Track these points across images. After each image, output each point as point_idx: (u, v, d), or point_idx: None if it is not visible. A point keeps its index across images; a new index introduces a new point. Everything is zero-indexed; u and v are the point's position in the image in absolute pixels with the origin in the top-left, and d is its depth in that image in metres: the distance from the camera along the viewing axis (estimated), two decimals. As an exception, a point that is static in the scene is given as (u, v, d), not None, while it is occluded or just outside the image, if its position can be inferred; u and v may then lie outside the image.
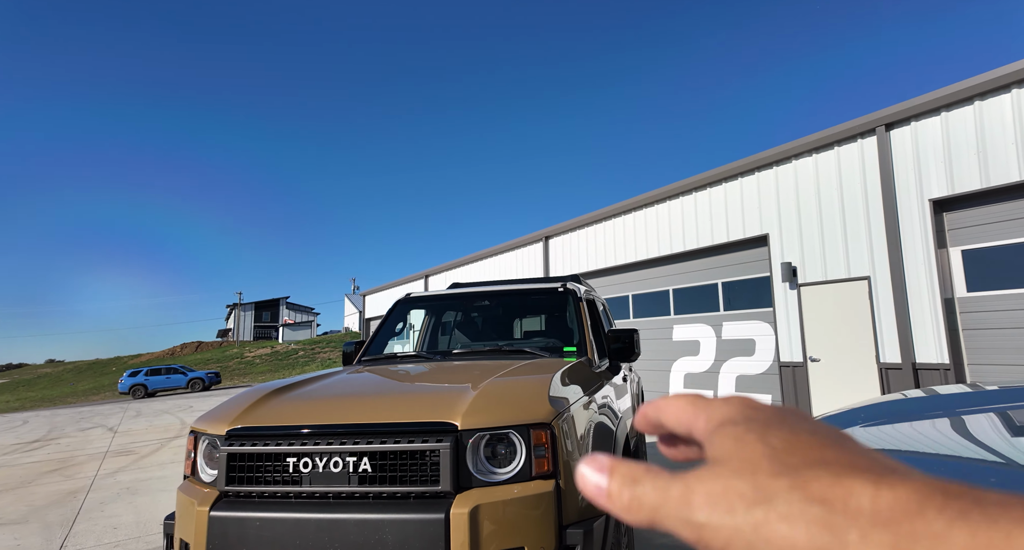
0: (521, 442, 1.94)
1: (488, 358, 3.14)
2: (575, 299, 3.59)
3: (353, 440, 1.95)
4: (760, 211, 8.35)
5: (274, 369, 39.64)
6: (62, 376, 61.94)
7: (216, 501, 1.98)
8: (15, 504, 5.47)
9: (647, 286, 10.61)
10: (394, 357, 3.47)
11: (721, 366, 8.94)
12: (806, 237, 7.66)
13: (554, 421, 1.98)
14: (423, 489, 1.87)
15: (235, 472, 2.00)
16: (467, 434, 1.93)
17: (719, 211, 9.04)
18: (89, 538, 4.23)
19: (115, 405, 19.92)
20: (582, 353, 3.19)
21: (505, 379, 2.33)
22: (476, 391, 2.14)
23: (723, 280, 9.09)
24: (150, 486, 5.96)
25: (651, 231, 10.39)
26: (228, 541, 1.89)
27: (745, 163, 8.56)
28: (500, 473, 1.93)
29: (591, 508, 2.02)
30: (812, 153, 7.64)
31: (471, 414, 1.97)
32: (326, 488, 1.93)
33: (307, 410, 2.15)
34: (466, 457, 1.91)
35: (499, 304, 3.94)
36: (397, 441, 1.92)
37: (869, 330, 6.79)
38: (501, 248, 15.62)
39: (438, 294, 4.08)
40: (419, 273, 21.21)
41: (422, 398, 2.20)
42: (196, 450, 2.20)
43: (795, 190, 7.86)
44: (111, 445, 9.29)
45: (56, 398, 36.32)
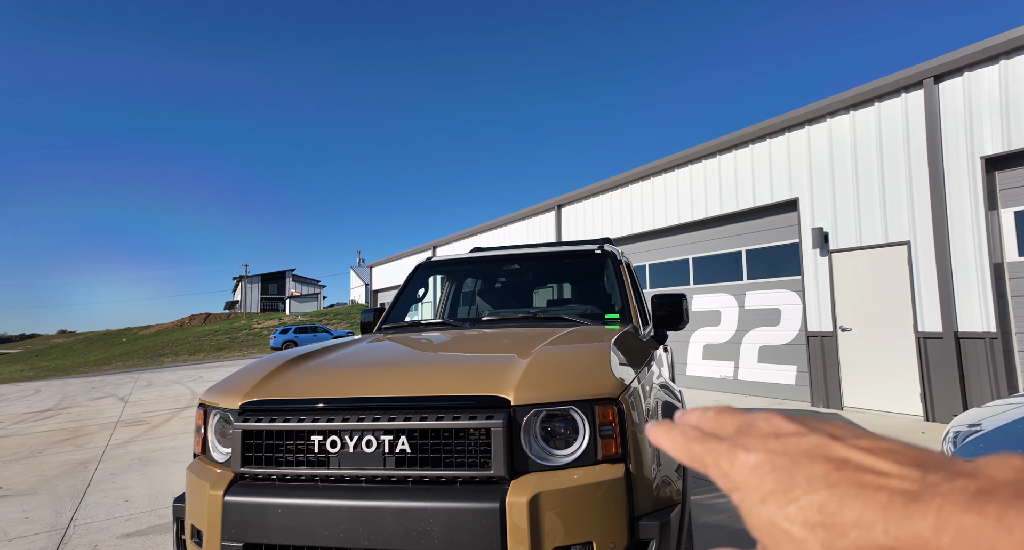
0: (584, 420, 1.66)
1: (523, 325, 2.85)
2: (615, 262, 3.27)
3: (388, 416, 1.67)
4: (790, 174, 7.91)
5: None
6: (74, 346, 62.78)
7: (231, 484, 1.72)
8: (25, 474, 5.34)
9: (665, 255, 10.25)
10: (417, 325, 3.18)
11: (743, 336, 8.66)
12: (840, 201, 7.25)
13: (621, 396, 1.69)
14: (472, 473, 1.60)
15: (251, 451, 1.74)
16: (521, 410, 1.64)
17: (745, 175, 8.59)
18: (100, 511, 4.07)
19: (126, 375, 20.03)
20: (626, 321, 2.89)
21: (557, 348, 2.03)
22: (526, 361, 1.84)
23: (747, 248, 8.72)
24: (161, 457, 5.82)
25: (670, 198, 9.97)
26: (246, 530, 1.64)
27: (774, 123, 8.07)
28: (559, 455, 1.65)
29: (666, 496, 1.75)
30: (849, 110, 7.15)
31: (525, 387, 1.68)
32: (358, 470, 1.66)
33: (332, 381, 1.87)
34: (520, 437, 1.63)
35: (529, 268, 3.63)
36: (440, 417, 1.64)
37: (907, 298, 6.46)
38: (512, 218, 15.21)
39: (463, 257, 3.76)
40: (426, 244, 20.89)
41: (464, 368, 1.91)
42: (207, 425, 1.94)
43: (829, 150, 7.40)
44: (122, 415, 9.21)
45: (68, 368, 36.79)
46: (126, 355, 42.00)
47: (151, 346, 45.15)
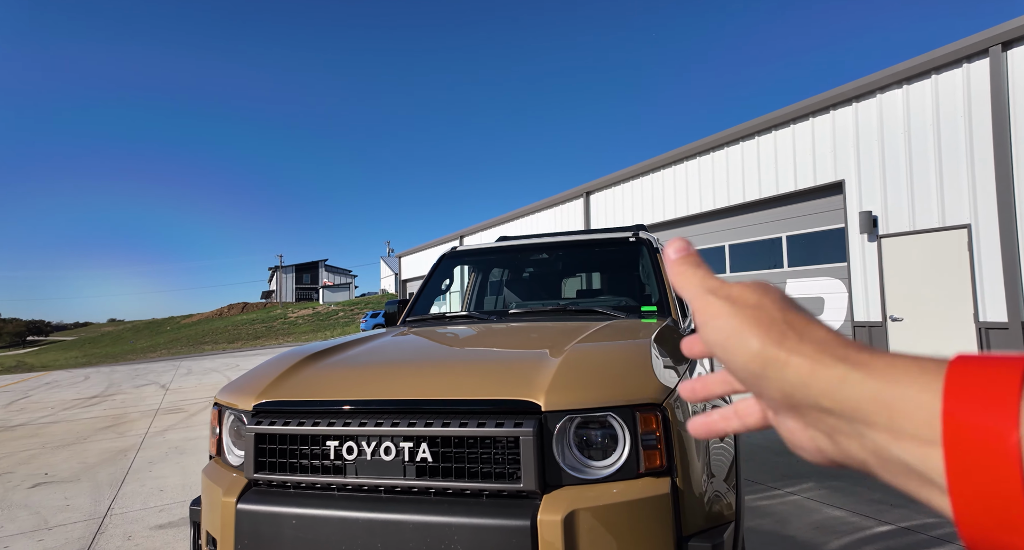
0: (624, 428, 1.48)
1: (553, 319, 2.68)
2: (651, 250, 3.05)
3: (408, 420, 1.53)
4: (835, 154, 7.44)
5: (316, 329, 40.85)
6: (122, 334, 65.95)
7: (244, 491, 1.62)
8: (69, 461, 5.51)
9: (699, 242, 9.88)
10: (442, 318, 3.05)
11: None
12: (890, 183, 6.77)
13: (666, 401, 1.51)
14: (500, 486, 1.45)
15: (264, 456, 1.63)
16: (553, 417, 1.48)
17: (786, 156, 8.14)
18: (136, 500, 4.13)
19: (168, 363, 20.81)
20: (664, 314, 2.68)
21: (591, 345, 1.86)
22: (558, 360, 1.67)
23: (788, 233, 8.30)
24: (197, 446, 5.92)
25: (704, 182, 9.56)
26: (260, 541, 1.54)
27: (818, 100, 7.58)
28: (596, 467, 1.49)
29: (718, 513, 1.57)
30: (902, 84, 6.63)
31: (557, 390, 1.51)
32: (376, 480, 1.53)
33: (349, 381, 1.75)
34: (552, 446, 1.47)
35: (558, 257, 3.44)
36: (464, 423, 1.49)
37: (967, 285, 6.00)
38: (539, 206, 14.98)
39: (489, 247, 3.60)
40: (453, 233, 20.87)
41: (489, 368, 1.75)
42: (221, 426, 1.85)
43: (879, 128, 6.90)
44: (162, 403, 9.50)
45: (117, 355, 38.62)
46: (170, 343, 43.83)
47: (193, 334, 46.99)
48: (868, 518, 3.30)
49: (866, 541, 3.01)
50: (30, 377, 17.92)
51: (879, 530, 3.13)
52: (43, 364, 36.19)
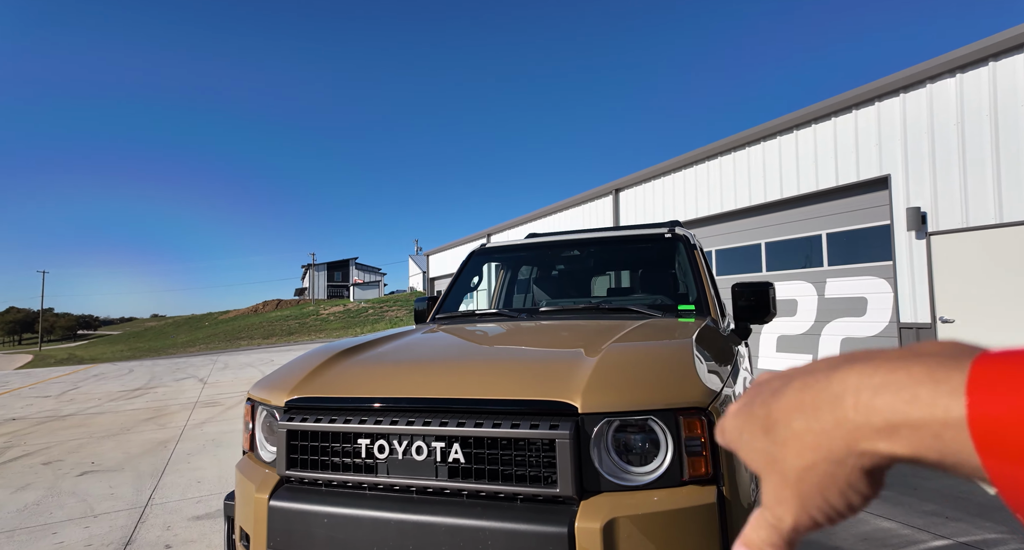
0: (666, 433, 1.41)
1: (585, 317, 2.60)
2: (688, 246, 2.95)
3: (440, 420, 1.49)
4: (880, 148, 7.10)
5: (347, 326, 41.64)
6: (164, 329, 68.70)
7: (276, 488, 1.61)
8: (114, 451, 5.72)
9: (733, 240, 9.60)
10: (472, 315, 3.01)
11: (823, 328, 7.96)
12: (941, 177, 6.42)
13: (711, 405, 1.42)
14: (535, 490, 1.40)
15: (296, 453, 1.62)
16: (591, 419, 1.42)
17: (826, 151, 7.82)
18: (175, 491, 4.24)
19: (206, 357, 21.51)
20: (702, 313, 2.58)
21: (629, 345, 1.78)
22: (595, 360, 1.61)
23: (828, 231, 7.97)
24: (233, 439, 6.07)
25: (740, 178, 9.28)
26: (292, 538, 1.52)
27: (862, 92, 7.24)
28: (636, 473, 1.42)
29: None
30: (956, 72, 6.26)
31: (595, 392, 1.45)
32: (407, 480, 1.50)
33: (381, 378, 1.72)
34: (590, 450, 1.41)
35: (590, 254, 3.36)
36: (497, 424, 1.44)
37: (1026, 286, 5.63)
38: (567, 203, 14.85)
39: (519, 244, 3.55)
40: (481, 232, 20.89)
41: (524, 367, 1.70)
42: (254, 422, 1.85)
43: (929, 120, 6.55)
44: (200, 396, 9.80)
45: (160, 349, 40.23)
46: (208, 338, 45.39)
47: (229, 330, 48.54)
48: (922, 531, 3.11)
49: (919, 556, 2.83)
50: (80, 369, 18.81)
51: (935, 544, 2.94)
52: (92, 357, 37.98)
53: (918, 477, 4.05)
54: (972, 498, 3.62)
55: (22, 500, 4.10)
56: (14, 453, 5.74)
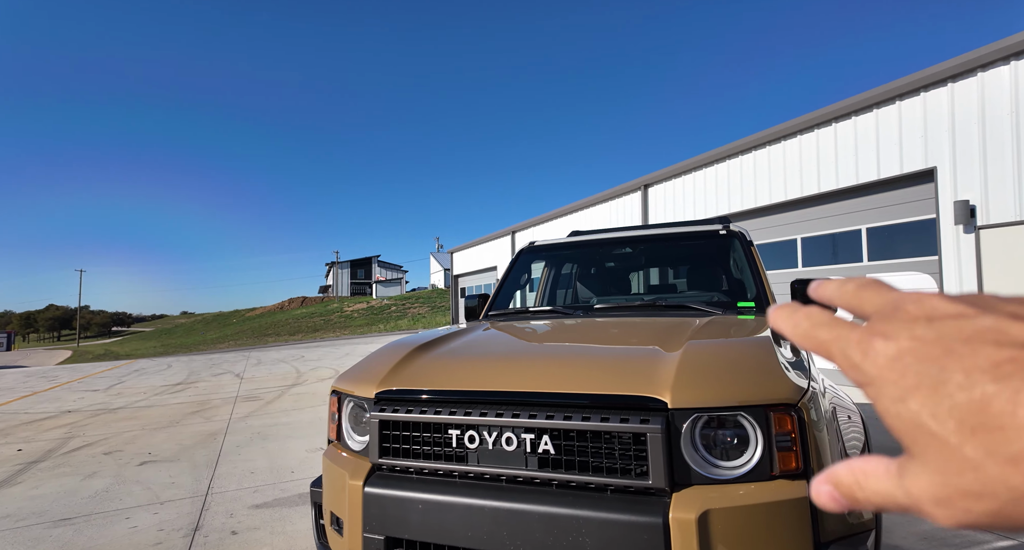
0: (756, 428, 1.43)
1: (643, 314, 2.63)
2: (744, 243, 2.94)
3: (529, 412, 1.54)
4: (925, 140, 6.90)
5: (370, 323, 42.26)
6: (194, 326, 70.73)
7: (369, 475, 1.69)
8: (168, 442, 5.95)
9: (768, 235, 9.45)
10: (526, 312, 3.06)
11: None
12: (992, 169, 6.22)
13: (801, 401, 1.44)
14: (627, 482, 1.44)
15: (388, 442, 1.69)
16: (681, 414, 1.45)
17: (867, 144, 7.63)
18: (231, 481, 4.41)
19: (238, 353, 22.09)
20: (762, 310, 2.58)
21: (710, 342, 1.80)
22: (677, 356, 1.64)
23: (868, 225, 7.79)
24: (277, 432, 6.25)
25: (775, 172, 9.12)
26: (387, 523, 1.59)
27: (906, 83, 7.05)
28: (726, 468, 1.44)
29: (858, 519, 1.49)
30: (1010, 60, 6.06)
31: (684, 388, 1.48)
32: (498, 469, 1.56)
33: (466, 372, 1.78)
34: (680, 444, 1.44)
35: (642, 252, 3.37)
36: (587, 417, 1.49)
37: (1085, 282, 5.44)
38: (594, 200, 14.79)
39: (570, 241, 3.58)
40: (505, 229, 20.94)
41: (606, 363, 1.74)
42: (341, 413, 1.93)
43: (979, 110, 6.34)
44: (239, 390, 10.10)
45: (191, 345, 41.46)
46: (236, 335, 46.60)
47: (257, 327, 49.71)
48: (985, 531, 3.06)
49: (984, 556, 2.79)
50: (120, 364, 19.52)
51: (1000, 545, 2.89)
52: (127, 353, 39.33)
53: (974, 477, 3.96)
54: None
55: (92, 487, 4.31)
56: (76, 443, 6.03)
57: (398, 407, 1.69)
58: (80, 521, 3.58)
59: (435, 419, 1.62)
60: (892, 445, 2.84)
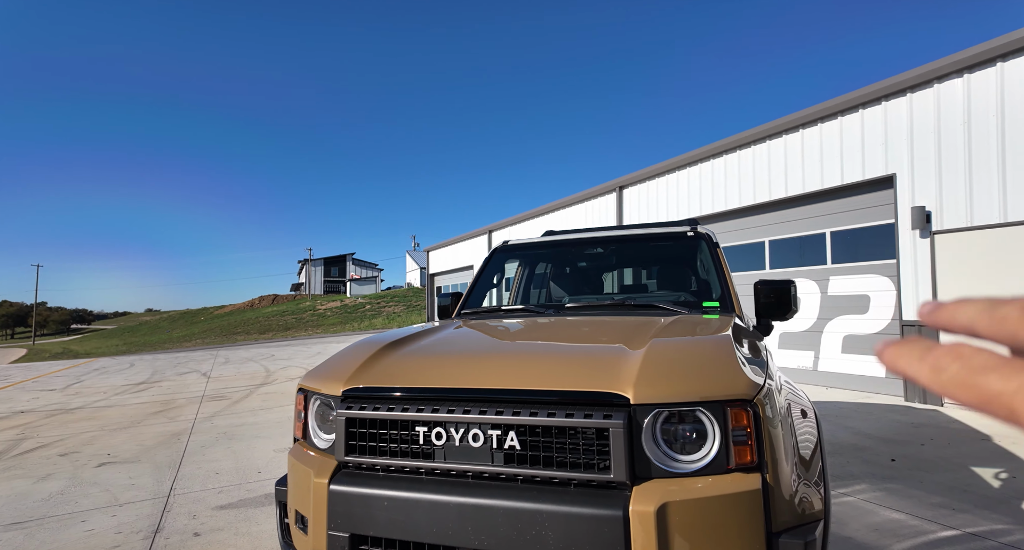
0: (714, 423, 1.48)
1: (613, 313, 2.67)
2: (710, 245, 3.02)
3: (496, 409, 1.56)
4: (886, 147, 7.18)
5: (344, 321, 41.62)
6: (159, 324, 68.43)
7: (335, 473, 1.68)
8: (128, 443, 5.77)
9: (737, 238, 9.69)
10: (499, 311, 3.07)
11: (825, 325, 8.07)
12: (947, 177, 6.51)
13: (756, 397, 1.49)
14: (589, 476, 1.47)
15: (355, 439, 1.69)
16: (642, 410, 1.48)
17: (832, 150, 7.90)
18: (195, 482, 4.30)
19: (206, 352, 21.49)
20: (726, 310, 2.65)
21: (672, 340, 1.85)
22: (641, 354, 1.68)
23: (832, 229, 8.07)
24: (245, 432, 6.12)
25: (744, 176, 9.36)
26: (352, 520, 1.59)
27: (868, 92, 7.32)
28: (685, 461, 1.49)
29: (808, 510, 1.55)
30: (963, 73, 6.35)
31: (646, 384, 1.51)
32: (464, 465, 1.57)
33: (434, 369, 1.78)
34: (641, 439, 1.48)
35: (613, 252, 3.43)
36: (552, 414, 1.51)
37: (1029, 285, 5.74)
38: (570, 200, 14.90)
39: (543, 241, 3.61)
40: (482, 228, 20.90)
41: (572, 360, 1.77)
42: (307, 411, 1.91)
43: (935, 120, 6.63)
44: (206, 390, 9.83)
45: (156, 344, 40.12)
46: (204, 333, 45.29)
47: (225, 325, 48.40)
48: (930, 522, 3.21)
49: (931, 545, 2.93)
50: (79, 363, 18.78)
51: (943, 535, 3.04)
52: (87, 351, 37.83)
53: (923, 471, 4.15)
54: (977, 491, 3.72)
55: (46, 490, 4.15)
56: (29, 444, 5.79)
57: (365, 405, 1.68)
58: (32, 525, 3.44)
59: (402, 416, 1.62)
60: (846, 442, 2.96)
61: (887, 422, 5.80)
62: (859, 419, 5.97)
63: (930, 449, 4.77)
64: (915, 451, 4.70)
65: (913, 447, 4.83)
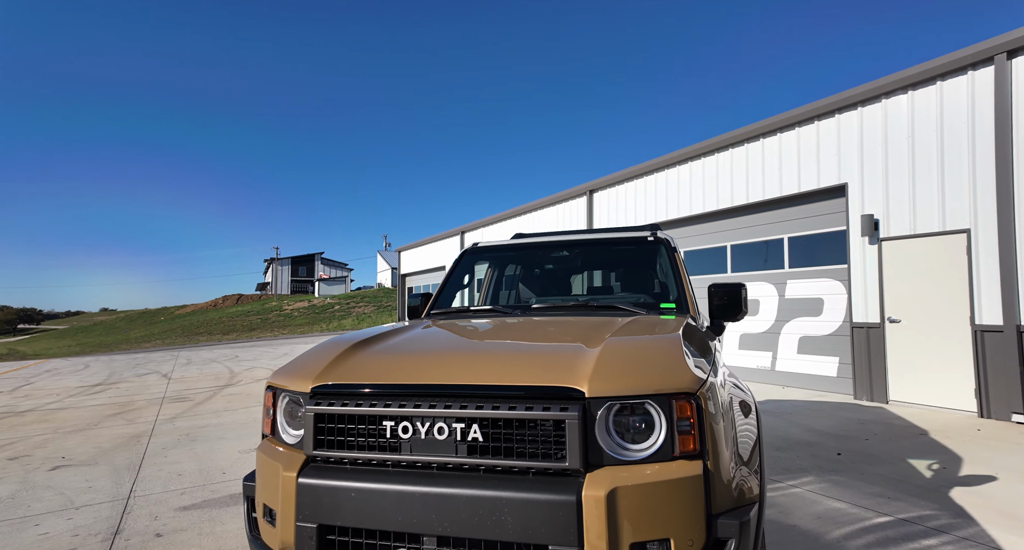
0: (661, 414, 1.60)
1: (575, 314, 2.79)
2: (669, 249, 3.18)
3: (460, 404, 1.65)
4: (839, 158, 7.58)
5: (312, 322, 40.82)
6: (115, 324, 65.60)
7: (303, 466, 1.73)
8: (84, 445, 5.60)
9: (701, 242, 10.01)
10: (467, 311, 3.16)
11: (783, 327, 8.44)
12: (893, 187, 6.92)
13: (699, 391, 1.63)
14: (546, 465, 1.57)
15: (323, 434, 1.75)
16: (595, 403, 1.60)
17: (790, 159, 8.27)
18: (156, 484, 4.23)
19: (166, 353, 20.79)
20: (682, 311, 2.80)
21: (626, 339, 1.97)
22: (597, 351, 1.79)
23: (790, 235, 8.44)
24: (207, 434, 6.02)
25: (708, 183, 9.69)
26: (320, 511, 1.65)
27: (823, 104, 7.71)
28: (634, 450, 1.61)
29: (744, 494, 1.69)
30: (908, 90, 6.77)
31: (599, 379, 1.63)
32: (429, 457, 1.65)
33: (401, 366, 1.86)
34: (594, 429, 1.59)
35: (578, 255, 3.56)
36: (512, 407, 1.61)
37: (963, 289, 6.16)
38: (541, 203, 15.07)
39: (511, 244, 3.71)
40: (455, 229, 20.89)
41: (533, 357, 1.87)
42: (276, 408, 1.95)
43: (883, 133, 7.04)
44: (167, 391, 9.56)
45: (112, 344, 38.47)
46: (164, 333, 43.67)
47: (187, 325, 46.79)
48: (867, 510, 3.45)
49: (866, 531, 3.15)
50: (28, 365, 17.90)
51: (878, 521, 3.28)
52: (36, 352, 35.99)
53: (866, 464, 4.43)
54: (911, 481, 4.01)
55: (-4, 494, 4.01)
56: (-25, 449, 5.54)
57: (334, 401, 1.75)
58: (-17, 530, 3.34)
59: (370, 411, 1.69)
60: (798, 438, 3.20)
61: (837, 419, 6.13)
62: (811, 416, 6.28)
63: (873, 443, 5.07)
64: (859, 446, 5.00)
65: (858, 442, 5.13)
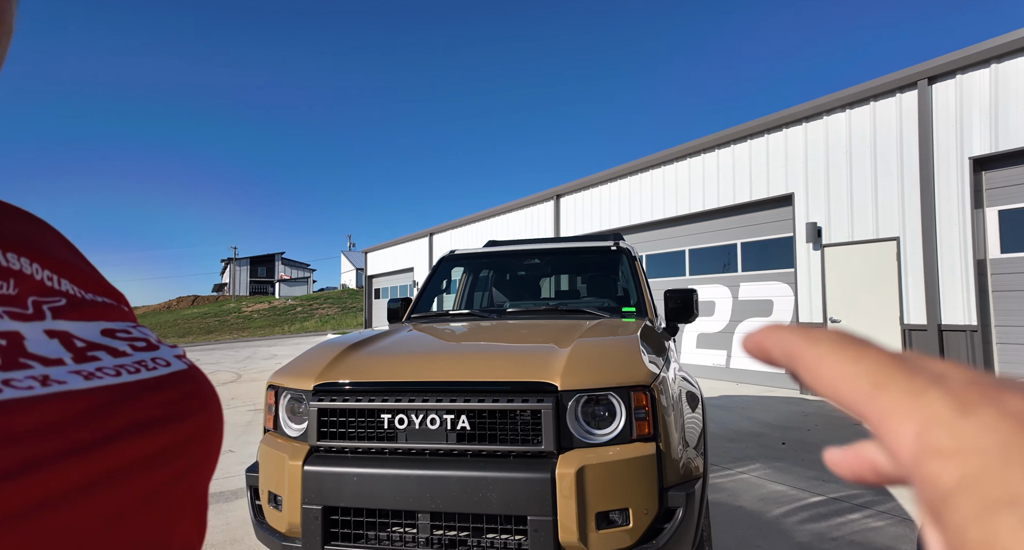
0: (621, 404, 1.90)
1: (546, 317, 3.08)
2: (630, 258, 3.50)
3: (450, 398, 1.89)
4: (786, 169, 8.17)
5: (273, 324, 39.89)
6: (60, 328, 61.95)
7: (308, 456, 1.94)
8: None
9: (662, 246, 10.52)
10: (446, 315, 3.40)
11: (736, 327, 9.00)
12: (833, 197, 7.53)
13: (653, 383, 1.93)
14: (525, 448, 1.84)
15: (326, 427, 1.96)
16: (567, 395, 1.88)
17: (742, 169, 8.84)
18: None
19: (121, 357, 19.99)
20: (641, 314, 3.13)
21: (593, 340, 2.27)
22: (567, 351, 2.07)
23: (743, 240, 9.01)
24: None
25: (669, 190, 10.20)
26: (325, 495, 1.86)
27: (772, 119, 8.30)
28: (599, 434, 1.89)
29: (690, 471, 2.00)
30: (846, 109, 7.39)
31: (570, 375, 1.91)
32: (423, 445, 1.89)
33: (395, 366, 2.09)
34: (566, 417, 1.87)
35: (548, 262, 3.85)
36: (496, 400, 1.87)
37: (894, 291, 6.80)
38: (510, 206, 15.37)
39: (486, 251, 3.98)
40: (423, 231, 20.95)
41: (513, 357, 2.14)
42: (277, 404, 2.15)
43: (825, 147, 7.66)
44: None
45: (57, 350, 36.43)
46: (115, 337, 41.62)
47: (140, 328, 44.76)
48: (804, 491, 3.87)
49: (802, 508, 3.57)
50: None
51: (812, 500, 3.70)
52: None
53: (807, 452, 4.89)
54: (845, 464, 4.47)
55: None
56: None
57: (335, 397, 1.96)
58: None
59: (370, 406, 1.92)
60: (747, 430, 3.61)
61: (783, 412, 6.65)
62: (761, 410, 6.79)
63: (815, 433, 5.57)
64: (802, 435, 5.49)
65: (801, 432, 5.62)
